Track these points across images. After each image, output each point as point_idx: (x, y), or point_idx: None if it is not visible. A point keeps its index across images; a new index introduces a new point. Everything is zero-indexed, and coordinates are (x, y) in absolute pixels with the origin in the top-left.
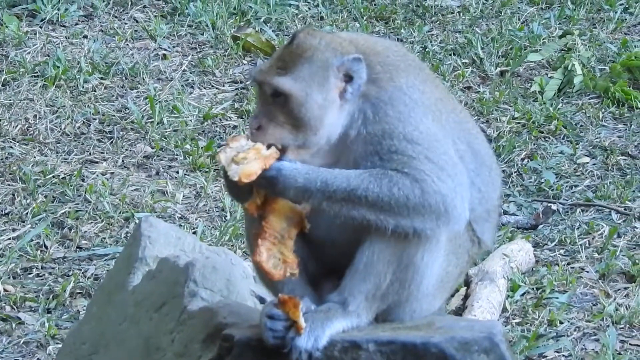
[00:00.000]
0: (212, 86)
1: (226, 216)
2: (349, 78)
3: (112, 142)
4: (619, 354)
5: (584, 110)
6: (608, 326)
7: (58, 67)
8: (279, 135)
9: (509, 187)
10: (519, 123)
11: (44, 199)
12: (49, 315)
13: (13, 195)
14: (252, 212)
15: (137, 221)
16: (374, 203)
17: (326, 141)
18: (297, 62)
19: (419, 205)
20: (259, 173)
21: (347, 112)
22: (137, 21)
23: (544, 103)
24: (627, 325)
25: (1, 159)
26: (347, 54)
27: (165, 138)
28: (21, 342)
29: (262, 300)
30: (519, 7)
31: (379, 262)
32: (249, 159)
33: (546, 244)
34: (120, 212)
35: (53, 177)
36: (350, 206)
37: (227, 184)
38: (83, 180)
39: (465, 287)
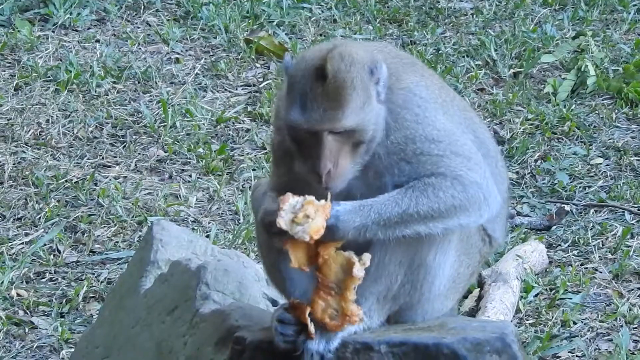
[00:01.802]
0: (225, 90)
1: (239, 219)
2: (377, 81)
3: (124, 146)
4: (633, 353)
5: (597, 111)
6: (621, 326)
7: (70, 71)
8: (346, 171)
9: (522, 188)
10: (532, 124)
11: (57, 204)
12: (62, 319)
13: (26, 200)
14: (303, 267)
15: (150, 225)
16: (425, 215)
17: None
18: (346, 95)
19: (464, 200)
20: (325, 225)
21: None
22: (149, 25)
23: (557, 104)
24: None
25: (14, 164)
26: (370, 63)
27: (178, 142)
28: (34, 346)
29: (274, 302)
30: (532, 9)
31: (391, 263)
32: (310, 214)
33: (559, 245)
34: (133, 216)
35: (66, 181)
36: (403, 226)
37: (268, 235)
38: (96, 184)
39: (479, 289)
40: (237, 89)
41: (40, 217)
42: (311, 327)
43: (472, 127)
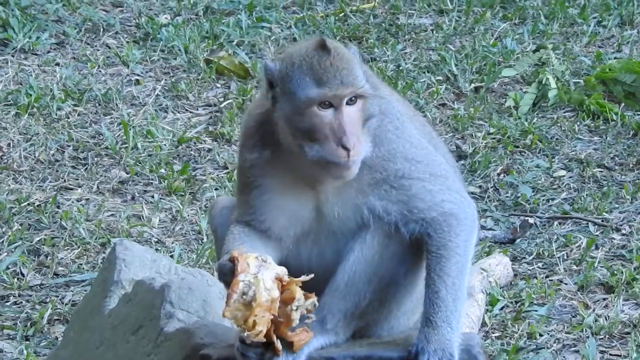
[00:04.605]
0: (186, 110)
1: (202, 239)
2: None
3: (86, 168)
4: None
5: (559, 124)
6: (588, 337)
7: (31, 95)
8: (364, 148)
9: (486, 202)
10: (494, 138)
11: (20, 227)
12: (27, 342)
13: None
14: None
15: (113, 245)
16: (459, 267)
17: None
18: (354, 66)
19: (467, 229)
20: (267, 327)
21: None
22: (109, 47)
23: (519, 118)
24: (607, 336)
25: None
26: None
27: (140, 163)
28: None
29: None
30: (492, 23)
31: (360, 281)
32: (258, 320)
33: (524, 258)
34: (96, 238)
35: (28, 204)
36: (461, 289)
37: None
38: (58, 207)
39: None
40: (198, 109)
41: (3, 241)
42: (277, 344)
43: (433, 143)
